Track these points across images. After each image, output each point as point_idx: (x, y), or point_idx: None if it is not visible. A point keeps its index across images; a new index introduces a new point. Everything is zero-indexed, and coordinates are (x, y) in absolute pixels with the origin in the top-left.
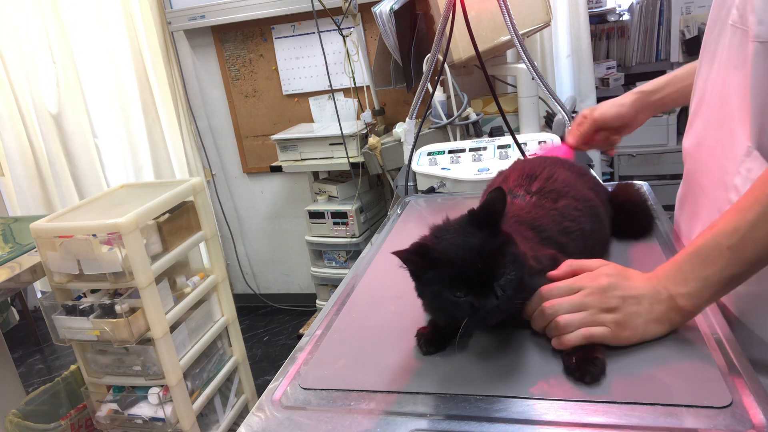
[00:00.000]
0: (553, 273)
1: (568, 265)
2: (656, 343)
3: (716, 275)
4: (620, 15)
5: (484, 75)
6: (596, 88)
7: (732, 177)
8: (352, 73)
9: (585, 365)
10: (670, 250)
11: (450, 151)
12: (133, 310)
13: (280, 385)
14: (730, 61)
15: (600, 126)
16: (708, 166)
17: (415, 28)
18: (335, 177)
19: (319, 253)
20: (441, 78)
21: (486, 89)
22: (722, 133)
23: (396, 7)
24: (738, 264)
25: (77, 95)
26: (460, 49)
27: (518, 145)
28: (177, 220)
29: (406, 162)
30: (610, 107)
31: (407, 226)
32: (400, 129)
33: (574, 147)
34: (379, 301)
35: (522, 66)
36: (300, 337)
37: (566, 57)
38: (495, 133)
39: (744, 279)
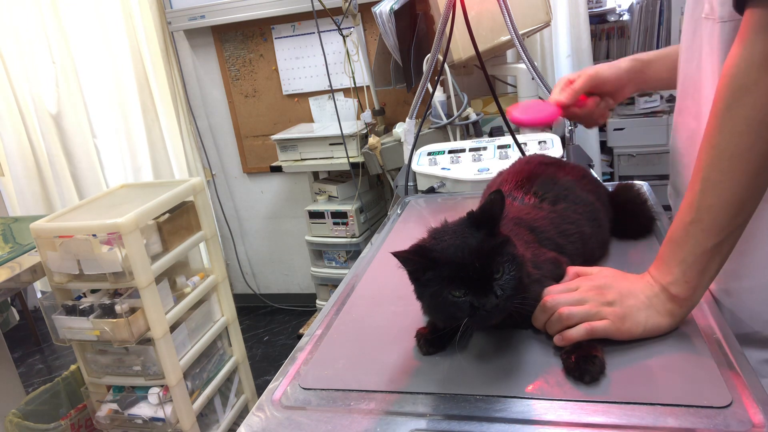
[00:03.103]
0: (560, 282)
1: (570, 270)
2: (656, 343)
3: (690, 254)
4: (620, 15)
5: (484, 75)
6: None
7: None
8: (352, 73)
9: (584, 364)
10: None
11: (450, 151)
12: (133, 310)
13: (280, 385)
14: (703, 51)
15: (595, 84)
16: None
17: (415, 28)
18: (335, 177)
19: (319, 253)
20: (441, 78)
21: (486, 89)
22: (699, 123)
23: (396, 7)
24: (703, 236)
25: (77, 95)
26: (460, 49)
27: (518, 145)
28: (177, 220)
29: (406, 162)
30: (608, 68)
31: (407, 226)
32: (400, 129)
33: (565, 105)
34: (379, 301)
35: (522, 66)
36: (300, 337)
37: (566, 57)
38: (495, 133)
39: (722, 251)
